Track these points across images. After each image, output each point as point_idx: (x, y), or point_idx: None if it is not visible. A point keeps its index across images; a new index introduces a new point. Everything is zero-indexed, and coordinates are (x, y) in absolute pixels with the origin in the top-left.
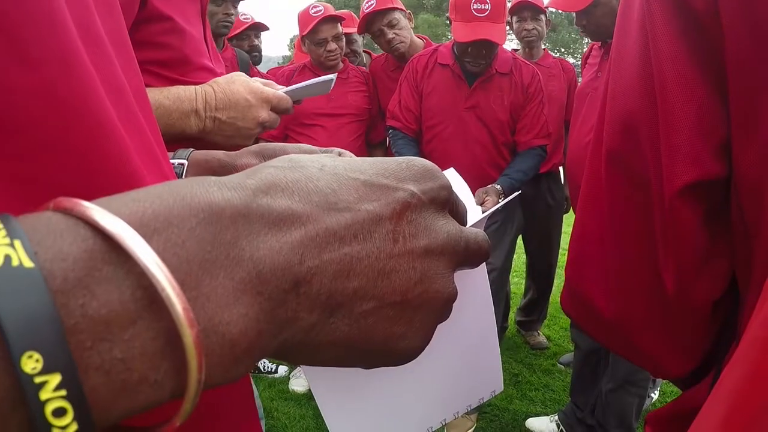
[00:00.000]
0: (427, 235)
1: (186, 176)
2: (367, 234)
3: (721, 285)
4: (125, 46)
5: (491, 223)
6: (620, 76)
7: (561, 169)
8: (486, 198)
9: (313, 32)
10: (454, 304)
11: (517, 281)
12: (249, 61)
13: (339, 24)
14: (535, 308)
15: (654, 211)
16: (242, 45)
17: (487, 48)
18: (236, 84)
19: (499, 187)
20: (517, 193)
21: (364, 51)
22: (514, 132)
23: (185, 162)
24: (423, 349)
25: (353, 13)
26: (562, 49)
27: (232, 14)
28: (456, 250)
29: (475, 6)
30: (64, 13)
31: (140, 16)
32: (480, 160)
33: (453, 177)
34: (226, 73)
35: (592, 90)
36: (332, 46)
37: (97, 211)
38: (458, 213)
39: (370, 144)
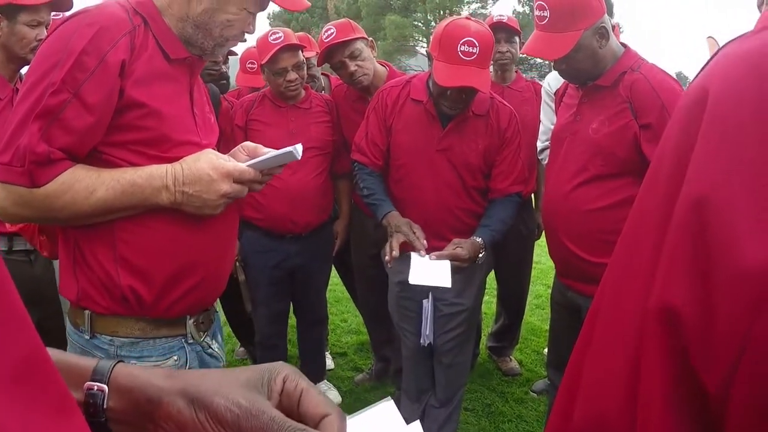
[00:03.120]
0: None
1: (107, 405)
2: None
3: None
4: None
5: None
6: (601, 368)
7: (533, 196)
8: (456, 250)
9: (273, 61)
10: None
11: (488, 299)
12: (219, 93)
13: (300, 52)
14: (506, 334)
15: None
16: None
17: (468, 93)
18: (201, 161)
19: (480, 240)
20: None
21: (322, 74)
22: (486, 176)
23: (105, 387)
24: None
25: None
26: None
27: (219, 61)
28: None
29: (462, 48)
30: None
31: (119, 105)
32: (450, 204)
33: (388, 416)
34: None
35: (571, 134)
36: (292, 75)
37: None
38: None
39: (335, 175)
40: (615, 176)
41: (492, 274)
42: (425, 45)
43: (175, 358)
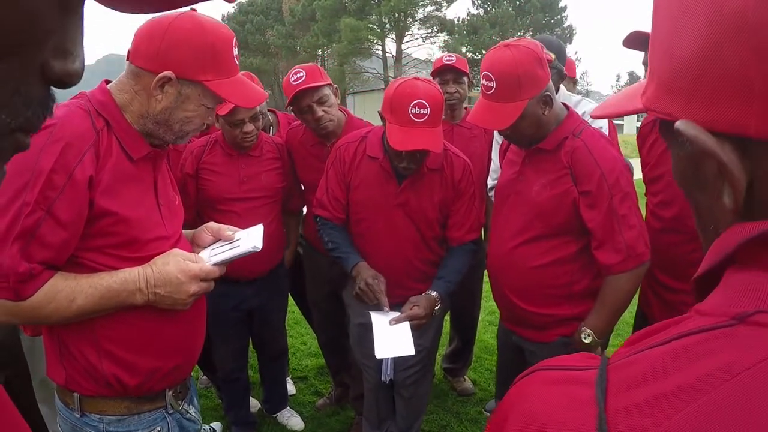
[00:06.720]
0: None
1: None
2: None
3: None
4: None
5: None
6: None
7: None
8: (413, 308)
9: (231, 113)
10: None
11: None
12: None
13: None
14: (460, 356)
15: None
16: None
17: (422, 152)
18: (170, 264)
19: (435, 294)
20: None
21: (269, 110)
22: (443, 226)
23: None
24: None
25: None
26: (483, 51)
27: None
28: None
29: (413, 110)
30: None
31: (90, 215)
32: (409, 256)
33: None
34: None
35: (514, 193)
36: (249, 127)
37: None
38: None
39: (285, 212)
40: (554, 236)
41: None
42: (380, 47)
43: (158, 429)
